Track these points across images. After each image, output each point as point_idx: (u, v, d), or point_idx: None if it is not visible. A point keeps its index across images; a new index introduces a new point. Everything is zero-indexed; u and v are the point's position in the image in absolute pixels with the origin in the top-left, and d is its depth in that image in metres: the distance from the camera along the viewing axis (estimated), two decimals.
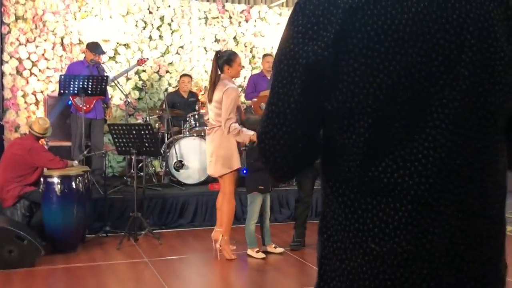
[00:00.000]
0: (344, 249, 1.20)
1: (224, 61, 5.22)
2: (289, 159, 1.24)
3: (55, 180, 5.43)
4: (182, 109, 7.91)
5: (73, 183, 5.50)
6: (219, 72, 5.25)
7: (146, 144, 5.97)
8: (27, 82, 8.20)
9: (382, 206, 1.14)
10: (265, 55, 8.53)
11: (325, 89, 1.17)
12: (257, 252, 5.37)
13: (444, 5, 1.14)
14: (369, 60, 1.11)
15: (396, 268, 1.14)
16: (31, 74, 8.21)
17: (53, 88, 8.16)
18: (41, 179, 5.55)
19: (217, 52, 5.36)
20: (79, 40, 8.35)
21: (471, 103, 1.14)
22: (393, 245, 1.14)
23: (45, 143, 7.06)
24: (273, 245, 5.53)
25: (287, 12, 9.52)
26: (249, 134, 4.98)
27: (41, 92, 8.23)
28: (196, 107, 7.96)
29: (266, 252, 5.40)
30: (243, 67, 8.72)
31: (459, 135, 1.13)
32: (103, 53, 7.66)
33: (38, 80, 8.24)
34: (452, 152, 1.13)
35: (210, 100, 5.21)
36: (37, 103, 8.23)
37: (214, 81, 5.22)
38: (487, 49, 1.14)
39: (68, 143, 7.45)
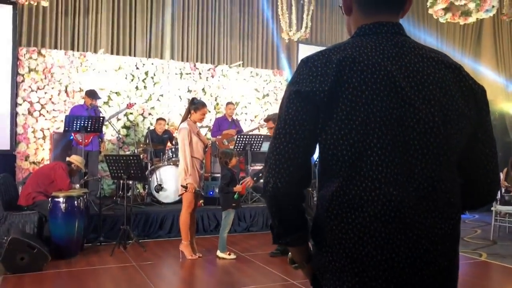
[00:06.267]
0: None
1: (194, 107, 5.16)
2: (292, 170, 1.18)
3: (61, 199, 5.22)
4: (157, 144, 7.77)
5: (75, 202, 5.30)
6: (190, 114, 5.20)
7: (134, 171, 5.82)
8: (37, 121, 7.92)
9: (366, 220, 1.14)
10: (228, 103, 8.49)
11: (321, 121, 1.18)
12: (228, 254, 5.28)
13: (411, 68, 1.19)
14: (353, 104, 1.14)
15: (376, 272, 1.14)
16: (40, 114, 7.94)
17: (58, 126, 7.91)
18: (49, 199, 5.32)
19: (193, 99, 5.30)
20: (80, 88, 8.15)
21: (430, 142, 1.16)
22: None
23: None
24: (228, 252, 5.35)
25: (243, 71, 9.63)
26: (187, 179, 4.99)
27: (48, 129, 7.95)
28: (174, 142, 7.85)
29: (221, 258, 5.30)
30: (209, 111, 8.69)
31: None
32: (99, 98, 7.48)
33: (46, 119, 7.97)
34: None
35: None
36: (44, 137, 7.94)
37: (183, 121, 5.19)
38: (446, 102, 1.18)
39: None
